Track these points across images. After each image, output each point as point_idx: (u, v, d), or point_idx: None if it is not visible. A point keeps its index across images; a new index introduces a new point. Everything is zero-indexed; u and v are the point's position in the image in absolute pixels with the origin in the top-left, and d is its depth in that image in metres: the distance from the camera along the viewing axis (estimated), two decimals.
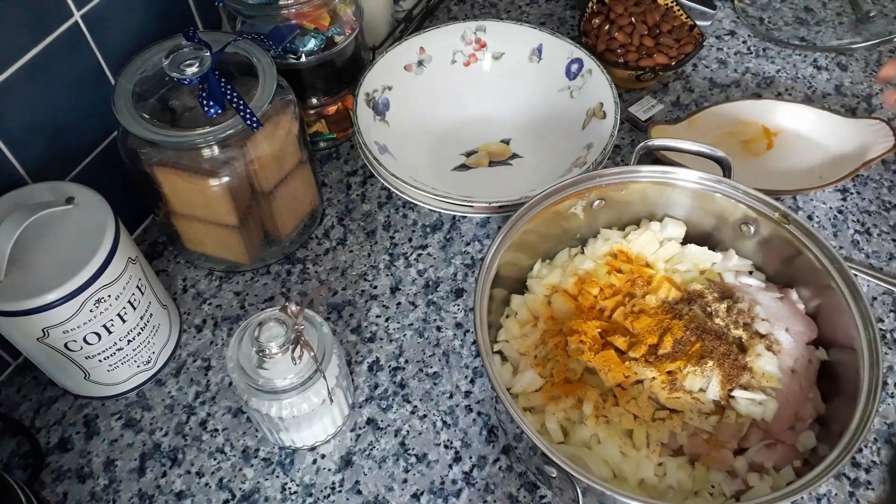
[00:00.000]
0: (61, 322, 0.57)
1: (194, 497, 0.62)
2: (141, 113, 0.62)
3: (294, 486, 0.63)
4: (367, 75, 0.79)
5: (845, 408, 0.55)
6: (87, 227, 0.59)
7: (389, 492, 0.62)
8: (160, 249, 0.78)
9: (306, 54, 0.77)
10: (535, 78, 0.84)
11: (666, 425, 0.58)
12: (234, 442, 0.65)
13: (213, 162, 0.64)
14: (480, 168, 0.82)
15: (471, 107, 0.86)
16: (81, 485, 0.63)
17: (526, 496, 0.62)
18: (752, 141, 0.84)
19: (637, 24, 0.89)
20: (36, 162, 0.64)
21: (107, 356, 0.63)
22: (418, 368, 0.69)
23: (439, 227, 0.79)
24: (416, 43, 0.83)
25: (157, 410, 0.67)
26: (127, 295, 0.61)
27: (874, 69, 0.92)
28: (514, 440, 0.61)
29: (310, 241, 0.78)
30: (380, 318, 0.72)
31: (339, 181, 0.83)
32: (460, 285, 0.74)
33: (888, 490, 0.62)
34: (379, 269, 0.76)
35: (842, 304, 0.59)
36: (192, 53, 0.63)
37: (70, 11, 0.62)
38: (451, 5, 1.01)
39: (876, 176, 0.82)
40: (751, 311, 0.63)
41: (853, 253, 0.76)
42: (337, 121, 0.85)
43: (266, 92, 0.64)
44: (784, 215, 0.63)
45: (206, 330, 0.72)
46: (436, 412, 0.66)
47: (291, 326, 0.55)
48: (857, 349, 0.57)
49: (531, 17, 1.00)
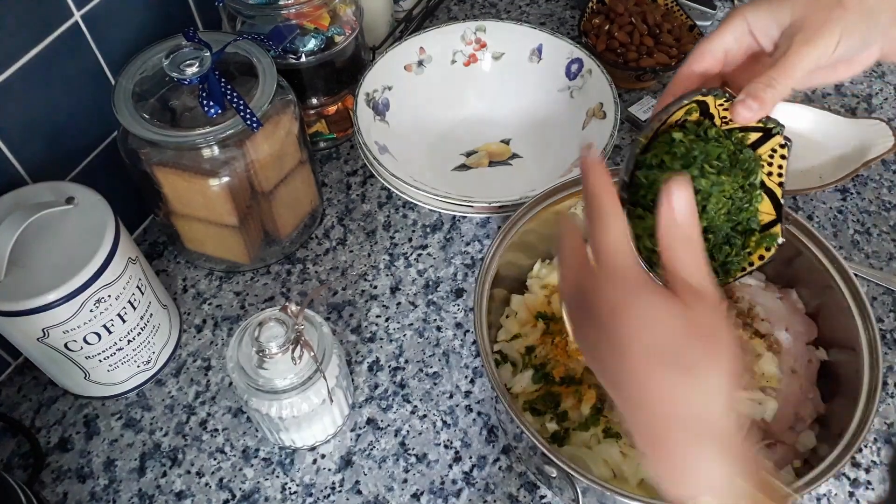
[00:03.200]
0: (61, 322, 0.57)
1: (194, 497, 0.62)
2: (141, 113, 0.62)
3: (294, 486, 0.63)
4: (367, 75, 0.79)
5: (845, 408, 0.55)
6: (87, 227, 0.59)
7: (389, 492, 0.62)
8: (160, 249, 0.78)
9: (306, 54, 0.77)
10: (535, 78, 0.84)
11: None
12: (234, 442, 0.65)
13: (213, 162, 0.64)
14: (480, 168, 0.82)
15: (471, 107, 0.86)
16: (81, 485, 0.63)
17: (526, 496, 0.62)
18: None
19: (637, 23, 0.89)
20: (36, 162, 0.64)
21: (107, 356, 0.63)
22: (418, 368, 0.69)
23: (439, 227, 0.79)
24: (416, 43, 0.83)
25: (157, 410, 0.67)
26: (127, 295, 0.61)
27: (874, 69, 0.92)
28: (514, 440, 0.61)
29: (310, 241, 0.78)
30: (380, 318, 0.72)
31: (339, 181, 0.83)
32: (460, 285, 0.75)
33: (888, 490, 0.62)
34: (379, 269, 0.76)
35: (842, 304, 0.59)
36: (192, 53, 0.63)
37: (70, 11, 0.62)
38: (451, 5, 1.01)
39: (876, 176, 0.82)
40: (751, 311, 0.63)
41: (853, 253, 0.76)
42: (337, 121, 0.85)
43: (266, 92, 0.64)
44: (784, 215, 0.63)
45: (206, 330, 0.72)
46: (436, 412, 0.66)
47: (291, 326, 0.55)
48: (857, 349, 0.57)
49: (531, 17, 1.00)
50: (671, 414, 0.38)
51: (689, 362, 0.38)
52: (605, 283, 0.40)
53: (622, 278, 0.40)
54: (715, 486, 0.37)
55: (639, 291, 0.40)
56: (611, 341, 0.40)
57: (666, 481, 0.39)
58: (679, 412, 0.38)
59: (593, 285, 0.41)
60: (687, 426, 0.38)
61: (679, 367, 0.38)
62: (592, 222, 0.41)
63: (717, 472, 0.37)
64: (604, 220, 0.41)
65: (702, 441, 0.38)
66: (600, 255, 0.41)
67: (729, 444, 0.38)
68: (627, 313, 0.39)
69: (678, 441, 0.38)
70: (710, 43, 0.48)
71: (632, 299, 0.39)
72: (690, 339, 0.38)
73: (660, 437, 0.39)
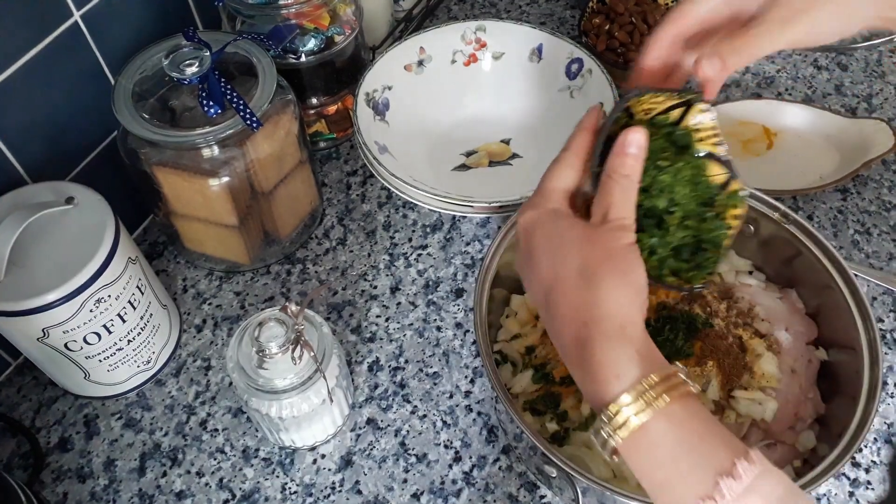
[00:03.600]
0: (61, 322, 0.57)
1: (194, 497, 0.62)
2: (141, 113, 0.62)
3: (294, 486, 0.63)
4: (367, 75, 0.79)
5: (845, 408, 0.55)
6: (87, 227, 0.59)
7: (389, 492, 0.62)
8: (160, 249, 0.78)
9: (306, 54, 0.77)
10: (535, 78, 0.84)
11: None
12: (234, 442, 0.65)
13: (213, 162, 0.64)
14: (480, 168, 0.82)
15: (471, 107, 0.86)
16: (81, 485, 0.63)
17: (526, 496, 0.62)
18: (752, 141, 0.84)
19: (637, 23, 0.89)
20: (36, 162, 0.64)
21: (107, 356, 0.63)
22: (418, 368, 0.69)
23: (439, 227, 0.79)
24: (416, 43, 0.83)
25: (157, 410, 0.67)
26: (127, 295, 0.61)
27: (874, 69, 0.92)
28: (514, 440, 0.61)
29: (310, 241, 0.78)
30: (380, 318, 0.72)
31: (339, 181, 0.83)
32: (460, 285, 0.74)
33: (888, 490, 0.62)
34: (379, 269, 0.76)
35: (842, 304, 0.59)
36: (192, 53, 0.63)
37: (70, 11, 0.62)
38: (451, 5, 1.01)
39: (876, 176, 0.82)
40: (751, 311, 0.63)
41: (853, 253, 0.76)
42: (337, 121, 0.84)
43: (266, 92, 0.64)
44: (784, 215, 0.63)
45: (206, 330, 0.72)
46: (436, 412, 0.66)
47: (291, 326, 0.55)
48: (857, 349, 0.57)
49: (531, 17, 1.00)
50: (585, 319, 0.42)
51: (592, 272, 0.43)
52: (528, 209, 0.48)
53: (543, 203, 0.48)
54: (633, 383, 0.40)
55: (550, 214, 0.47)
56: (529, 261, 0.47)
57: (588, 386, 0.42)
58: (592, 315, 0.42)
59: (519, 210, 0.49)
60: (600, 328, 0.42)
61: (584, 277, 0.43)
62: (554, 162, 0.50)
63: (634, 371, 0.40)
64: (561, 164, 0.49)
65: (615, 342, 0.41)
66: (541, 191, 0.49)
67: (641, 346, 0.41)
68: (538, 231, 0.46)
69: (594, 342, 0.41)
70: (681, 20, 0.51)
71: (543, 219, 0.47)
72: (593, 253, 0.43)
73: (578, 341, 0.42)
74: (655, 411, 0.39)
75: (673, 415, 0.39)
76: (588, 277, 0.43)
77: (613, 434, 0.40)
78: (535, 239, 0.47)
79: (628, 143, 0.45)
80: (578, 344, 0.42)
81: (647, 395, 0.39)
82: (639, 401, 0.39)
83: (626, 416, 0.39)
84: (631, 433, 0.39)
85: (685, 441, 0.39)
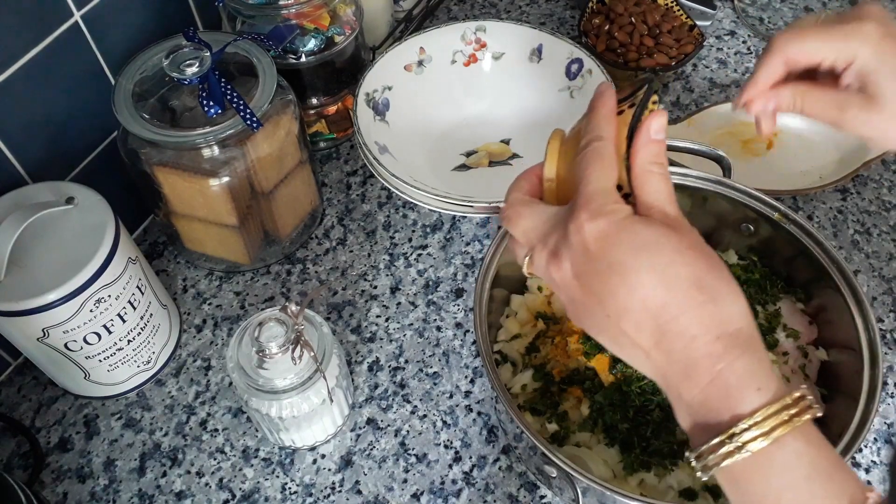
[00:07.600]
0: (61, 322, 0.57)
1: (194, 497, 0.62)
2: (141, 113, 0.62)
3: (294, 486, 0.63)
4: (367, 75, 0.79)
5: (845, 408, 0.55)
6: (87, 227, 0.59)
7: (389, 492, 0.62)
8: (160, 249, 0.78)
9: (306, 54, 0.77)
10: (535, 78, 0.84)
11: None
12: (234, 442, 0.65)
13: (213, 162, 0.64)
14: (480, 168, 0.82)
15: (471, 107, 0.86)
16: (81, 485, 0.63)
17: (526, 496, 0.62)
18: (752, 141, 0.84)
19: (637, 23, 0.89)
20: (36, 162, 0.64)
21: (107, 356, 0.63)
22: (418, 368, 0.69)
23: (439, 227, 0.79)
24: (416, 43, 0.83)
25: (157, 410, 0.67)
26: (127, 295, 0.61)
27: None
28: (514, 440, 0.61)
29: (310, 241, 0.78)
30: (380, 318, 0.72)
31: (339, 181, 0.83)
32: (460, 285, 0.75)
33: (888, 490, 0.62)
34: (379, 269, 0.76)
35: (842, 304, 0.59)
36: (192, 53, 0.63)
37: (70, 11, 0.62)
38: (451, 5, 1.01)
39: (876, 176, 0.82)
40: None
41: (853, 253, 0.76)
42: (337, 121, 0.85)
43: (266, 92, 0.64)
44: (784, 215, 0.63)
45: (206, 330, 0.72)
46: (436, 412, 0.66)
47: (291, 326, 0.55)
48: (857, 349, 0.57)
49: (531, 17, 1.00)
50: (717, 334, 0.38)
51: (705, 284, 0.38)
52: (594, 219, 0.40)
53: (606, 208, 0.40)
54: (774, 396, 0.37)
55: (628, 221, 0.40)
56: (610, 281, 0.39)
57: (714, 403, 0.38)
58: (723, 329, 0.38)
59: (572, 219, 0.40)
60: (737, 341, 0.38)
61: (702, 290, 0.38)
62: (595, 158, 0.42)
63: (773, 384, 0.38)
64: (605, 160, 0.41)
65: (752, 354, 0.38)
66: (595, 195, 0.40)
67: (766, 356, 0.39)
68: (624, 244, 0.39)
69: (732, 355, 0.38)
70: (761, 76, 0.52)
71: (623, 228, 0.39)
72: (697, 262, 0.39)
73: (711, 357, 0.38)
74: (794, 428, 0.37)
75: (810, 434, 0.37)
76: (705, 289, 0.38)
77: (742, 448, 0.37)
78: (620, 254, 0.39)
79: (655, 129, 0.41)
80: (712, 360, 0.38)
81: (788, 410, 0.37)
82: (781, 413, 0.37)
83: (766, 428, 0.36)
84: (763, 449, 0.36)
85: (819, 465, 0.37)
